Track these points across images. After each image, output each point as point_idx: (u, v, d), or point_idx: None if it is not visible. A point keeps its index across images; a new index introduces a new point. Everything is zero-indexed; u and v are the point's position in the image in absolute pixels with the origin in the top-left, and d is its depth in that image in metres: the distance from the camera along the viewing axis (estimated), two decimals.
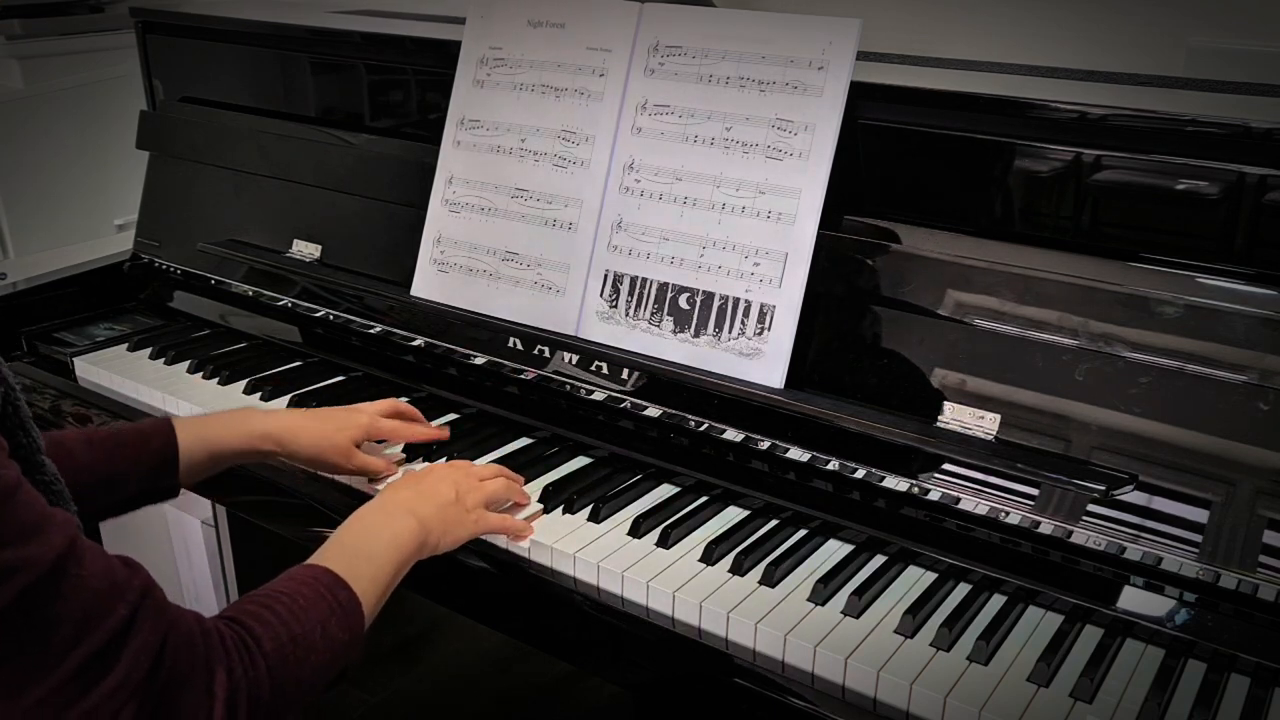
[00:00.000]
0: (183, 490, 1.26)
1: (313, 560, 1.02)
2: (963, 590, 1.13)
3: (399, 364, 1.57)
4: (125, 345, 1.70)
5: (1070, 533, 1.10)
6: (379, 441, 1.38)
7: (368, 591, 1.01)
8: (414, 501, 1.14)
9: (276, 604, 0.93)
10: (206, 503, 1.92)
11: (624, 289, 1.36)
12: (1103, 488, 1.08)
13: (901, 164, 1.26)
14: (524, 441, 1.43)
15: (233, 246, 1.75)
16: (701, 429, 1.31)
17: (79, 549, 0.79)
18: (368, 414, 1.33)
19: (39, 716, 0.77)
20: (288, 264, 1.68)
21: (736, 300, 1.28)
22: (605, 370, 1.37)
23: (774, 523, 1.24)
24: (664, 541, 1.20)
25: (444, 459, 1.35)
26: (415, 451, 1.38)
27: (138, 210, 1.90)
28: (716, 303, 1.30)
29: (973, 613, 1.09)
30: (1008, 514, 1.13)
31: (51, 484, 0.91)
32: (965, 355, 1.18)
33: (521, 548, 1.21)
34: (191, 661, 0.83)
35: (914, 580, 1.15)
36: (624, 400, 1.36)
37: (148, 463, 1.19)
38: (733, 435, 1.29)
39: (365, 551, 1.05)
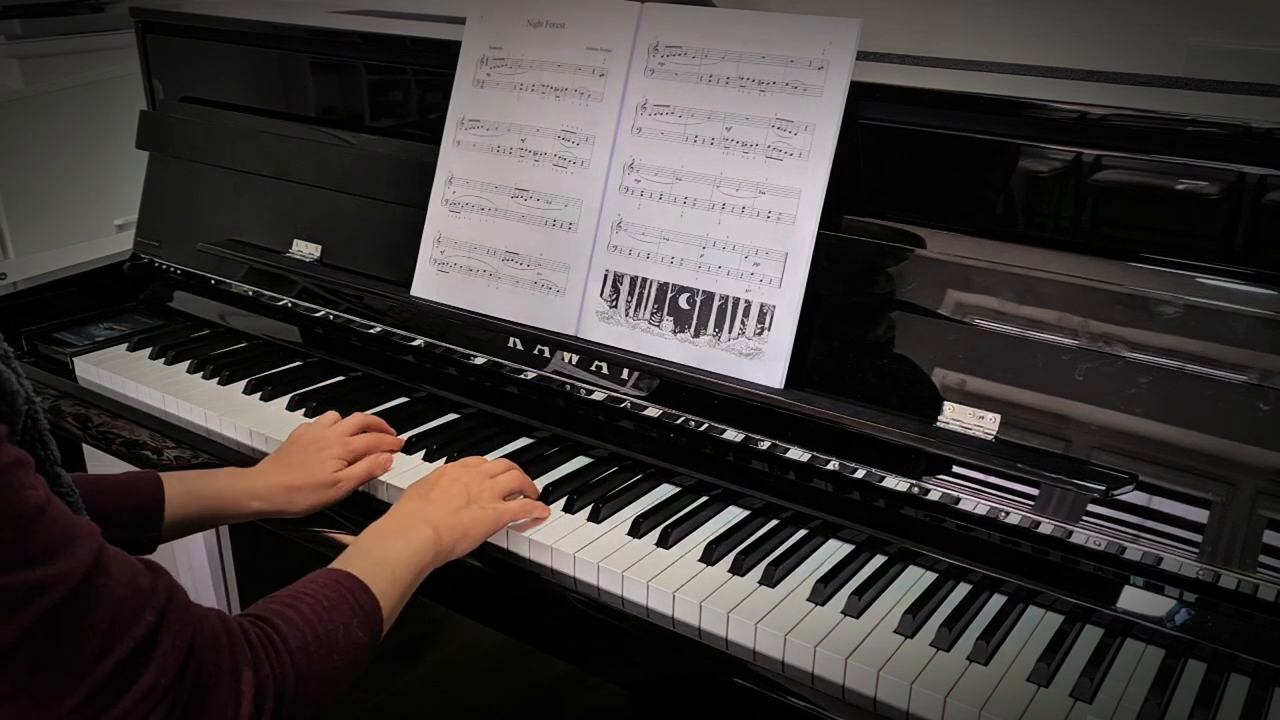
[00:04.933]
0: None
1: (334, 565, 1.04)
2: (963, 590, 1.13)
3: (399, 364, 1.57)
4: (125, 345, 1.70)
5: (1070, 533, 1.10)
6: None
7: (386, 594, 1.03)
8: (427, 511, 1.15)
9: (301, 603, 0.95)
10: None
11: (624, 289, 1.36)
12: (1103, 488, 1.08)
13: (901, 164, 1.26)
14: (524, 441, 1.43)
15: (233, 246, 1.75)
16: (701, 429, 1.31)
17: (105, 559, 0.80)
18: (338, 441, 1.31)
19: None
20: (288, 264, 1.68)
21: (736, 300, 1.28)
22: (605, 370, 1.37)
23: (774, 523, 1.24)
24: (664, 541, 1.20)
25: (444, 459, 1.35)
26: (415, 447, 1.38)
27: (138, 210, 1.90)
28: (716, 303, 1.30)
29: (973, 613, 1.09)
30: (1008, 514, 1.13)
31: (68, 495, 0.91)
32: (965, 355, 1.18)
33: (521, 548, 1.21)
34: (218, 662, 0.84)
35: (914, 580, 1.15)
36: (624, 400, 1.36)
37: (130, 513, 1.18)
38: (733, 435, 1.29)
39: (384, 558, 1.06)
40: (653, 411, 1.34)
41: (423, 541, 1.10)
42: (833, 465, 1.23)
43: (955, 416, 1.17)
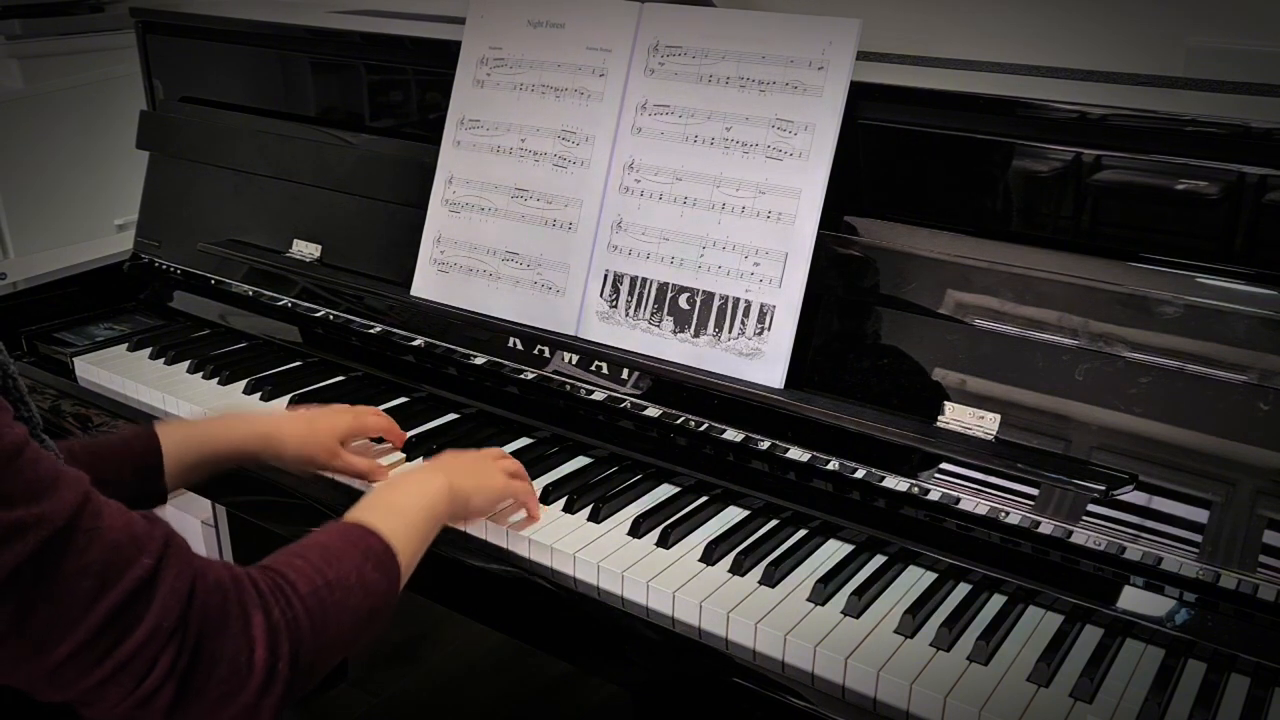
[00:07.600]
0: (183, 491, 1.25)
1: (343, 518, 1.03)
2: (963, 590, 1.13)
3: (399, 364, 1.57)
4: (125, 345, 1.70)
5: (1070, 533, 1.10)
6: (377, 441, 1.38)
7: (401, 537, 1.01)
8: (437, 464, 1.17)
9: (309, 552, 0.94)
10: (206, 503, 1.92)
11: (624, 289, 1.36)
12: (1103, 488, 1.08)
13: (901, 164, 1.26)
14: (524, 441, 1.43)
15: (233, 246, 1.75)
16: (701, 429, 1.31)
17: (95, 503, 0.79)
18: (352, 411, 1.34)
19: (71, 672, 0.77)
20: (288, 264, 1.68)
21: (736, 300, 1.28)
22: (605, 370, 1.37)
23: (774, 523, 1.24)
24: (664, 541, 1.20)
25: None
26: (415, 451, 1.38)
27: (138, 210, 1.90)
28: (716, 303, 1.30)
29: (973, 613, 1.09)
30: (1008, 514, 1.13)
31: (55, 455, 0.91)
32: (965, 355, 1.18)
33: (521, 548, 1.21)
34: (224, 606, 0.83)
35: (914, 580, 1.15)
36: (624, 400, 1.36)
37: (131, 470, 1.17)
38: (733, 435, 1.29)
39: (394, 504, 1.06)
40: (653, 411, 1.34)
41: (435, 487, 1.10)
42: (833, 465, 1.23)
43: (955, 416, 1.17)
